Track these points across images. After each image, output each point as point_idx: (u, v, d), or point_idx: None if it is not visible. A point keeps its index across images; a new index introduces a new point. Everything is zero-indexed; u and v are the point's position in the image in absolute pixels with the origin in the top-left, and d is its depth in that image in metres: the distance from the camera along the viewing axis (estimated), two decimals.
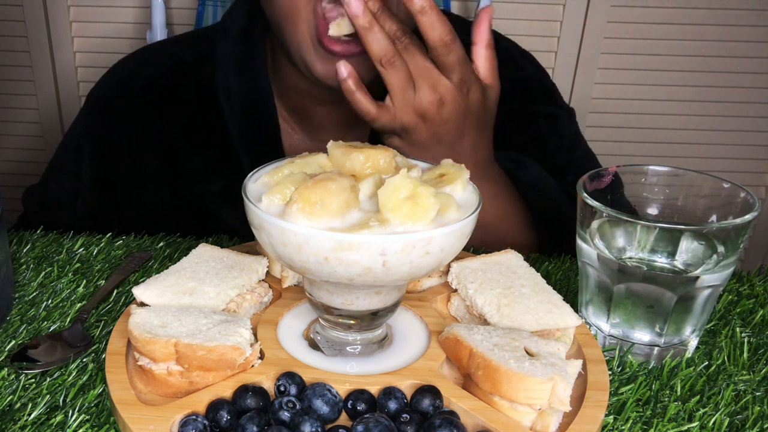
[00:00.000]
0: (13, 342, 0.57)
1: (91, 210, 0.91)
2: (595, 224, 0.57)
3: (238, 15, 0.88)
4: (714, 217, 0.59)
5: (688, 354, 0.57)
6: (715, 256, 0.54)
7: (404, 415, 0.46)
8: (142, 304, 0.55)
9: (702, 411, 0.51)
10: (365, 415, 0.45)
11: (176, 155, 0.89)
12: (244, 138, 0.86)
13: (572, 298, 0.62)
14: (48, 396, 0.51)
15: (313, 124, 0.88)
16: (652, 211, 0.62)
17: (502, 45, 0.94)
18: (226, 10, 0.91)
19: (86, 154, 0.91)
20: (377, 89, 0.71)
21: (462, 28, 0.80)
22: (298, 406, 0.46)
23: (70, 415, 0.49)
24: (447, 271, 0.61)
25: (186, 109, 0.89)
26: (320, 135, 0.88)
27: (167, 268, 0.59)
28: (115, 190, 0.91)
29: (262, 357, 0.52)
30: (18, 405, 0.50)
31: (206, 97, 0.87)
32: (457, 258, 0.56)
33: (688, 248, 0.56)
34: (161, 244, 0.76)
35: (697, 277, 0.54)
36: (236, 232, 0.76)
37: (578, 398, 0.49)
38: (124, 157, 0.90)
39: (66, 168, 0.93)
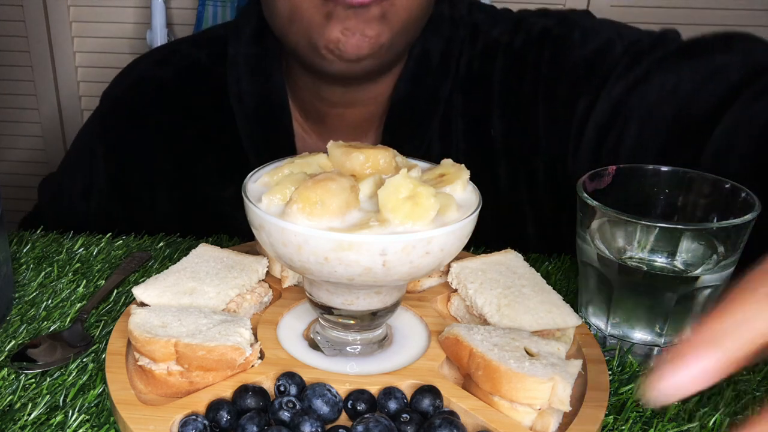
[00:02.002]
0: (13, 342, 0.57)
1: (105, 209, 0.91)
2: (595, 224, 0.57)
3: (251, 15, 0.86)
4: (714, 218, 0.59)
5: None
6: (715, 256, 0.54)
7: (404, 415, 0.46)
8: (142, 304, 0.55)
9: (702, 411, 0.51)
10: (365, 415, 0.45)
11: (189, 159, 0.88)
12: (255, 142, 0.84)
13: (572, 298, 0.62)
14: (48, 396, 0.51)
15: (327, 128, 0.87)
16: (652, 211, 0.62)
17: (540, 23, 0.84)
18: (240, 10, 0.89)
19: (100, 155, 0.90)
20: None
21: None
22: (298, 406, 0.46)
23: (70, 415, 0.49)
24: (447, 271, 0.61)
25: (200, 112, 0.88)
26: (334, 138, 0.86)
27: (167, 268, 0.59)
28: (129, 192, 0.91)
29: (262, 357, 0.52)
30: (18, 405, 0.50)
31: (220, 99, 0.86)
32: (457, 258, 0.56)
33: (688, 248, 0.56)
34: (161, 244, 0.76)
35: (697, 277, 0.54)
36: (250, 235, 0.75)
37: (578, 398, 0.49)
38: (138, 160, 0.90)
39: (80, 166, 0.93)
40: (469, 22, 0.85)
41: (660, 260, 0.57)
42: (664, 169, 0.61)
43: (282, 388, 0.48)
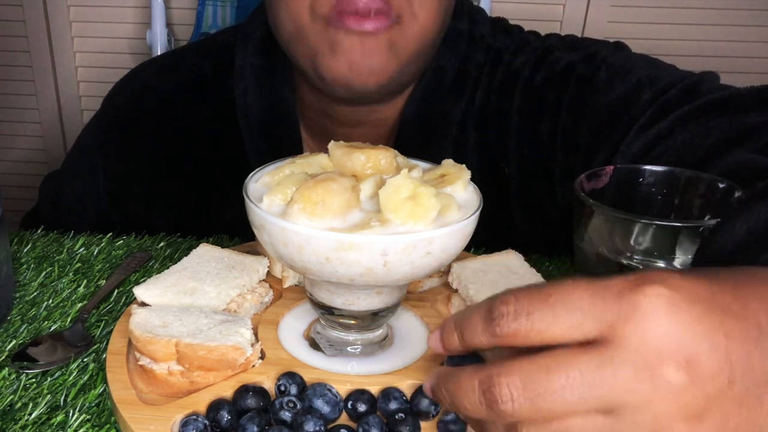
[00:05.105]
0: (14, 342, 0.57)
1: (103, 219, 0.89)
2: (593, 224, 0.57)
3: (258, 22, 0.81)
4: (709, 217, 0.59)
5: None
6: None
7: (399, 414, 0.46)
8: (143, 304, 0.55)
9: None
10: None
11: (191, 175, 0.86)
12: (261, 159, 0.76)
13: None
14: (49, 396, 0.51)
15: None
16: (649, 211, 0.62)
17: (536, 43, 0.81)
18: (247, 17, 0.85)
19: (100, 167, 0.88)
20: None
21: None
22: (298, 406, 0.46)
23: (70, 414, 0.49)
24: (447, 272, 0.61)
25: (203, 126, 0.85)
26: None
27: (168, 268, 0.59)
28: (128, 206, 0.89)
29: (262, 357, 0.52)
30: (19, 405, 0.50)
31: (226, 113, 0.83)
32: (458, 258, 0.56)
33: (685, 247, 0.56)
34: (162, 243, 0.76)
35: None
36: (251, 235, 0.72)
37: None
38: (138, 176, 0.88)
39: (80, 173, 0.91)
40: (492, 47, 0.81)
41: (658, 260, 0.57)
42: (660, 169, 0.61)
43: (282, 388, 0.48)
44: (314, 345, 0.54)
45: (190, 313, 0.52)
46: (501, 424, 0.35)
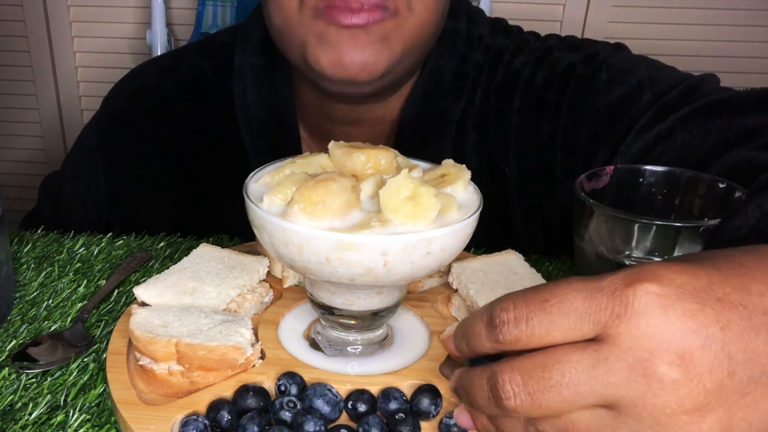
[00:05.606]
0: (14, 342, 0.57)
1: (104, 219, 0.89)
2: (593, 224, 0.57)
3: (258, 22, 0.81)
4: (709, 217, 0.59)
5: None
6: None
7: (399, 414, 0.46)
8: (143, 304, 0.55)
9: None
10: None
11: (192, 174, 0.86)
12: (261, 158, 0.78)
13: None
14: (49, 396, 0.51)
15: None
16: (649, 211, 0.62)
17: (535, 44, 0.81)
18: (247, 16, 0.86)
19: (100, 168, 0.88)
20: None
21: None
22: (298, 406, 0.46)
23: (71, 414, 0.49)
24: (448, 272, 0.61)
25: (203, 126, 0.86)
26: None
27: (168, 268, 0.59)
28: (129, 206, 0.89)
29: (263, 357, 0.52)
30: (19, 405, 0.50)
31: (225, 112, 0.83)
32: (458, 258, 0.56)
33: (685, 248, 0.56)
34: (162, 243, 0.76)
35: None
36: (251, 235, 0.72)
37: None
38: (138, 176, 0.88)
39: (80, 174, 0.91)
40: (491, 47, 0.81)
41: (658, 260, 0.57)
42: (660, 169, 0.61)
43: (283, 388, 0.48)
44: (314, 345, 0.54)
45: (190, 313, 0.52)
46: (517, 420, 0.37)
